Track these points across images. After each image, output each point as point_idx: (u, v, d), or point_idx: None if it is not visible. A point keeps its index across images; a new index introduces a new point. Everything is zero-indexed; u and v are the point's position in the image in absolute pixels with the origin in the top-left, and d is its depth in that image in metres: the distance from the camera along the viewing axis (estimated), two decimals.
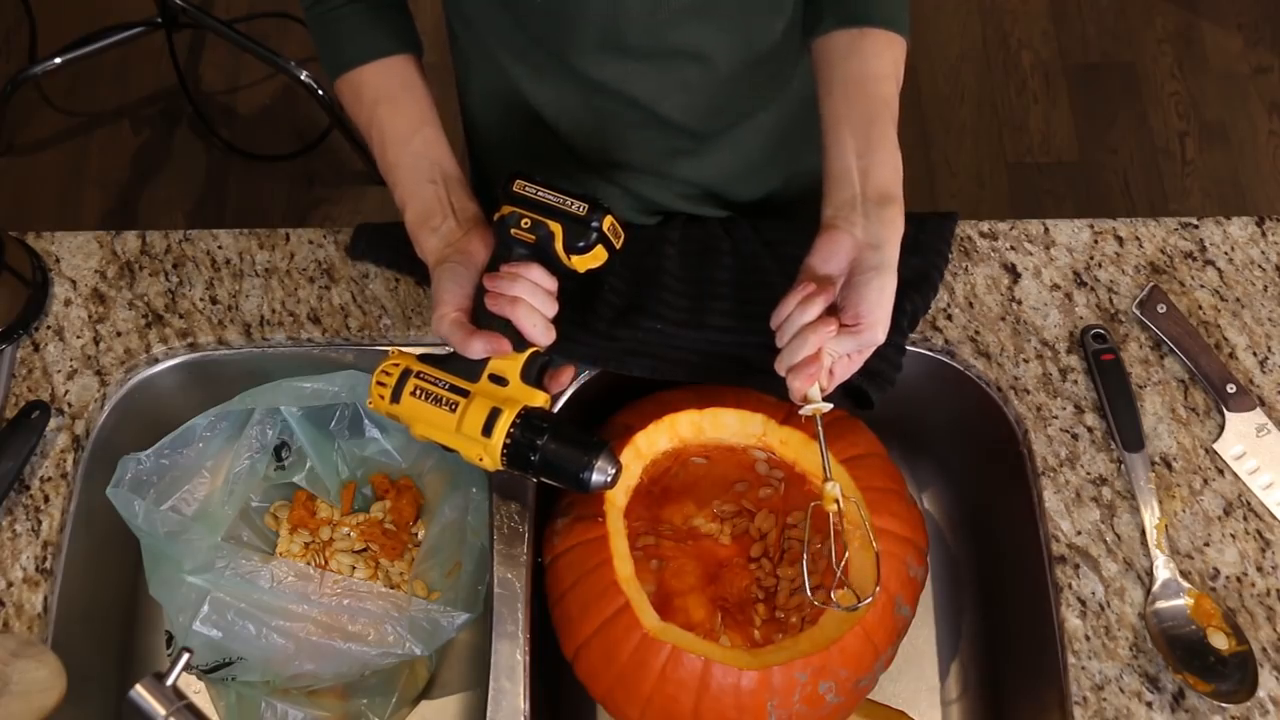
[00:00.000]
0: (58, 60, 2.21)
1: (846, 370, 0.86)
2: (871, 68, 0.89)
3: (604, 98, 0.99)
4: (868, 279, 0.83)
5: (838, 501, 0.87)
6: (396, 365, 0.89)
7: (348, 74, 0.95)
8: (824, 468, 0.87)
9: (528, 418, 0.85)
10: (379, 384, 0.89)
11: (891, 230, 0.85)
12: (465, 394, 0.87)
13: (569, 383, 0.92)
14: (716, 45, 0.96)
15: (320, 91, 2.17)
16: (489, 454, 0.86)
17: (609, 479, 0.86)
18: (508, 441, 0.85)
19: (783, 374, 0.85)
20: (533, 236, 0.88)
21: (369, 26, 0.95)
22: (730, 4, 0.94)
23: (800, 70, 1.04)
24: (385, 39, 0.96)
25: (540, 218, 0.88)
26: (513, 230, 0.88)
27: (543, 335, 0.87)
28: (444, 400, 0.87)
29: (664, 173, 1.08)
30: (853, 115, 0.88)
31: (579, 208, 0.88)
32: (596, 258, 0.90)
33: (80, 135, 2.34)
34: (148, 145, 2.33)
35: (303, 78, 2.21)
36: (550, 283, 0.88)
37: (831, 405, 0.85)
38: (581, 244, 0.88)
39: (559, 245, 0.88)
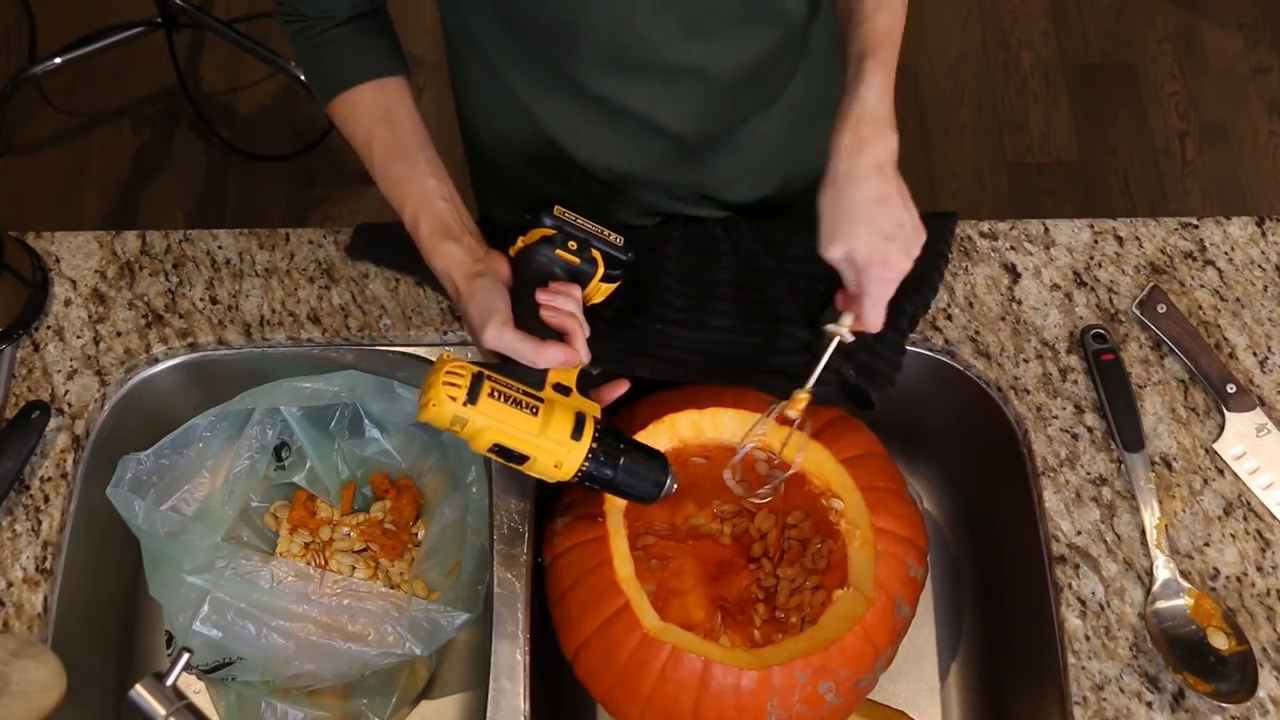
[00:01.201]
0: (58, 60, 2.22)
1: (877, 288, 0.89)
2: None
3: (603, 109, 1.00)
4: (818, 201, 0.87)
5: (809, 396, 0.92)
6: (465, 368, 0.81)
7: (343, 94, 0.96)
8: (810, 381, 0.92)
9: (604, 427, 0.85)
10: (449, 384, 0.80)
11: (834, 139, 0.86)
12: (540, 400, 0.84)
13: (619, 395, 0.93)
14: (715, 59, 0.97)
15: None
16: (570, 460, 0.83)
17: (674, 488, 0.88)
18: (593, 446, 0.83)
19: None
20: (577, 259, 0.90)
21: (360, 50, 0.96)
22: (731, 19, 0.94)
23: (797, 75, 1.04)
24: (378, 61, 0.97)
25: (584, 243, 0.90)
26: (558, 250, 0.89)
27: (588, 352, 0.87)
28: (524, 404, 0.82)
29: (662, 178, 1.08)
30: (850, 45, 0.90)
31: (615, 238, 0.91)
32: (607, 290, 0.93)
33: (80, 135, 2.34)
34: (148, 145, 2.33)
35: (302, 78, 2.21)
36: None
37: (852, 336, 0.91)
38: (612, 273, 0.91)
39: (599, 272, 0.90)
